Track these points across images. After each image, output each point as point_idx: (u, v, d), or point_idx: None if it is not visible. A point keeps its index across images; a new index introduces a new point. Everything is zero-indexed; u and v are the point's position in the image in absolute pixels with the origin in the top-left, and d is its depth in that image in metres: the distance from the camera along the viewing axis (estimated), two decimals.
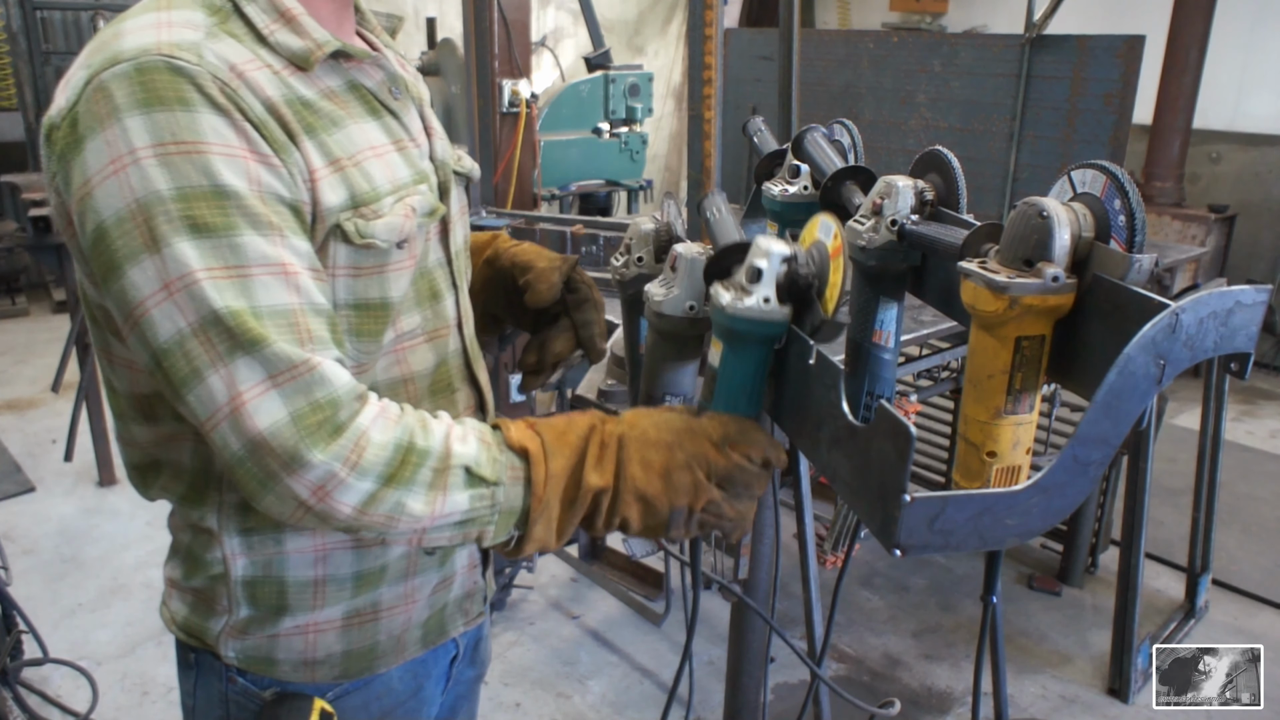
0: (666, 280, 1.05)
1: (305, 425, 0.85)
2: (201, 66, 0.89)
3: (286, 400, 0.85)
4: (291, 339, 0.88)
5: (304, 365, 0.86)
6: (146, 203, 0.85)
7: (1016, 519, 0.73)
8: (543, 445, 0.94)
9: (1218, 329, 0.72)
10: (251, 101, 0.92)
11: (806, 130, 1.22)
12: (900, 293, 1.06)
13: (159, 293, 0.86)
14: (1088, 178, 0.79)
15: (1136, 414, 0.71)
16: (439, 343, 1.14)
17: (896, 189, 1.00)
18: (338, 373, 0.89)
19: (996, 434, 0.81)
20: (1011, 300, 0.75)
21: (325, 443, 0.86)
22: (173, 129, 0.87)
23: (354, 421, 0.88)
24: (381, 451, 0.88)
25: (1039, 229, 0.76)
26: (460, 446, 0.92)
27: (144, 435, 1.06)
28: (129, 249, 0.86)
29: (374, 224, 1.00)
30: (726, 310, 0.90)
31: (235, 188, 0.88)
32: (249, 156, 0.90)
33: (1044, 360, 0.79)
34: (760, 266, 0.89)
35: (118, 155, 0.86)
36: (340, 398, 0.88)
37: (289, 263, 0.90)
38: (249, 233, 0.88)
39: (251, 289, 0.87)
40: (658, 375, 1.10)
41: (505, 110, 3.98)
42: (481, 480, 0.92)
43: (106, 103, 0.87)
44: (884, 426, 0.74)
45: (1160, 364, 0.70)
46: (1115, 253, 0.75)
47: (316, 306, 0.92)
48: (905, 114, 4.18)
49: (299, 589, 1.08)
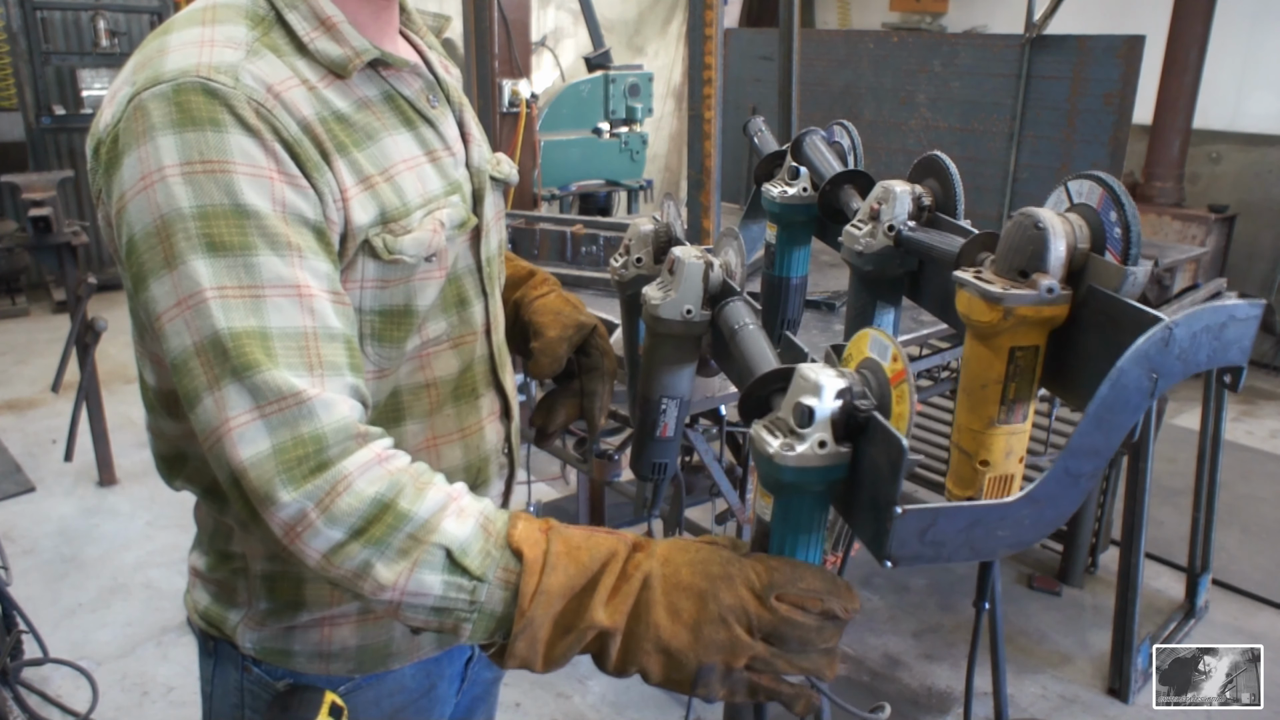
0: (664, 283, 1.04)
1: (284, 460, 0.83)
2: (238, 89, 0.90)
3: (271, 432, 0.84)
4: (299, 363, 0.87)
5: (293, 397, 0.84)
6: (169, 220, 0.87)
7: (1008, 530, 0.73)
8: (545, 554, 0.84)
9: (1211, 342, 0.72)
10: (286, 121, 0.92)
11: (805, 133, 1.22)
12: (897, 297, 1.06)
13: (174, 308, 0.87)
14: (1084, 188, 0.79)
15: (1129, 426, 0.71)
16: (465, 349, 1.14)
17: (894, 194, 0.99)
18: (333, 408, 0.86)
19: (990, 443, 0.81)
20: (1006, 311, 0.75)
21: (300, 482, 0.83)
22: (201, 148, 0.88)
23: (339, 463, 0.84)
24: (357, 502, 0.84)
25: (1034, 240, 0.76)
26: (453, 525, 0.85)
27: (171, 429, 1.07)
28: (152, 263, 0.88)
29: (402, 240, 1.00)
30: (775, 461, 0.75)
31: (257, 207, 0.89)
32: (276, 177, 0.91)
33: (1038, 370, 0.79)
34: (811, 406, 0.75)
35: (148, 172, 0.88)
36: (326, 435, 0.85)
37: (305, 284, 0.89)
38: (266, 253, 0.88)
39: (263, 309, 0.87)
40: (655, 378, 1.10)
41: (505, 110, 3.98)
42: (463, 570, 0.84)
43: (144, 121, 0.89)
44: (877, 439, 0.73)
45: (1153, 377, 0.70)
46: (1110, 265, 0.75)
47: (331, 331, 0.90)
48: (905, 114, 4.18)
49: (316, 585, 1.08)
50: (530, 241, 3.21)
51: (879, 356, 0.76)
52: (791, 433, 0.76)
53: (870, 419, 0.73)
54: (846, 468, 0.76)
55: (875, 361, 0.77)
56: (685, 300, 1.02)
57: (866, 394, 0.76)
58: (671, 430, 1.15)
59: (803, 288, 1.26)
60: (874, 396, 0.76)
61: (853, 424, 0.75)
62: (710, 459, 2.52)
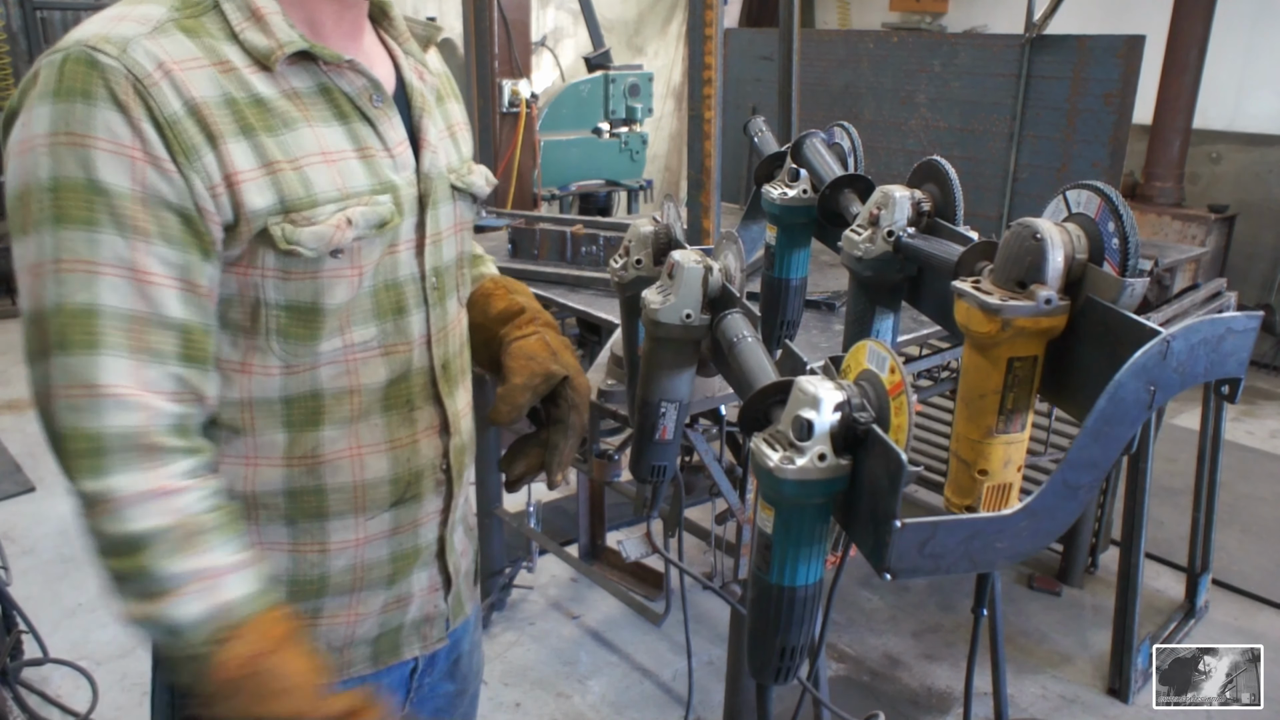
0: (664, 288, 1.04)
1: (76, 447, 0.88)
2: (119, 61, 0.90)
3: (73, 414, 0.88)
4: (123, 344, 0.89)
5: (88, 389, 0.88)
6: (30, 188, 0.90)
7: (1006, 542, 0.73)
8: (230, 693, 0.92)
9: (1209, 355, 0.73)
10: (166, 101, 0.91)
11: (806, 136, 1.22)
12: (896, 303, 1.06)
13: (25, 272, 0.91)
14: (1083, 198, 0.79)
15: (1127, 439, 0.72)
16: (397, 358, 1.11)
17: (893, 200, 0.99)
18: (127, 410, 0.89)
19: (988, 452, 0.81)
20: (1004, 322, 0.75)
21: (84, 476, 0.88)
22: (68, 120, 0.89)
23: (112, 478, 0.89)
24: (113, 528, 0.89)
25: (1032, 250, 0.76)
26: (188, 604, 0.90)
27: None
28: (15, 224, 0.92)
29: (301, 230, 0.98)
30: (775, 475, 0.77)
31: (111, 185, 0.90)
32: (139, 157, 0.91)
33: (1036, 381, 0.79)
34: (810, 420, 0.75)
35: (26, 138, 0.91)
36: (105, 437, 0.88)
37: (144, 269, 0.91)
38: (109, 232, 0.90)
39: (96, 286, 0.89)
40: (654, 382, 1.11)
41: (505, 110, 3.98)
42: (184, 643, 0.91)
43: (34, 86, 0.91)
44: (877, 452, 0.74)
45: (1150, 390, 0.70)
46: (1108, 276, 0.75)
47: (164, 319, 0.92)
48: (905, 114, 4.18)
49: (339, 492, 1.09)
50: (530, 241, 3.21)
51: (877, 368, 0.77)
52: (791, 446, 0.77)
53: (869, 432, 0.74)
54: (847, 480, 0.77)
55: (873, 373, 0.77)
56: (684, 305, 1.02)
57: (865, 406, 0.76)
58: (671, 433, 1.15)
59: (802, 289, 1.26)
60: (872, 409, 0.76)
61: (852, 436, 0.76)
62: (710, 459, 2.52)
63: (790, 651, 0.84)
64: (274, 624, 0.94)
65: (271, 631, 0.93)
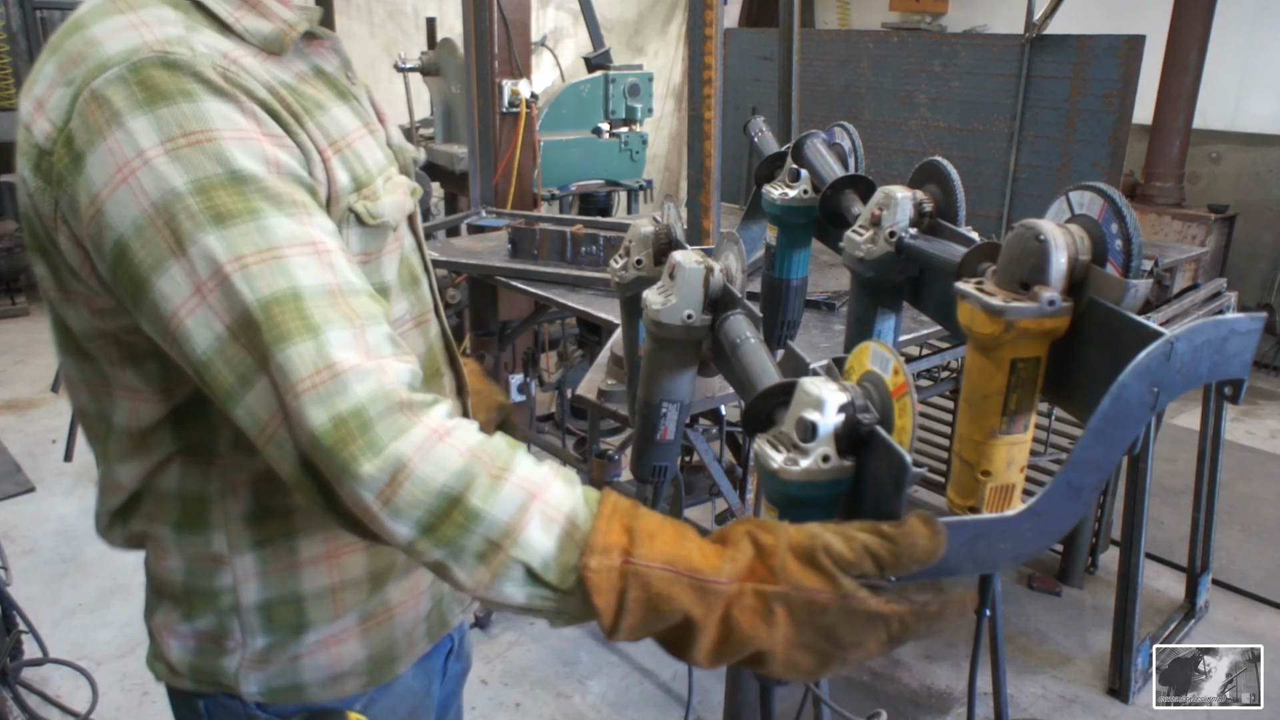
0: (665, 288, 1.04)
1: (342, 434, 0.75)
2: (195, 56, 0.84)
3: (323, 404, 0.76)
4: (337, 318, 0.80)
5: (332, 369, 0.77)
6: (164, 203, 0.80)
7: (1009, 543, 0.74)
8: (619, 607, 0.74)
9: (1212, 356, 0.73)
10: (253, 84, 0.87)
11: (806, 136, 1.22)
12: (898, 304, 1.06)
13: (191, 298, 0.80)
14: (1085, 199, 0.79)
15: (1130, 440, 0.72)
16: (424, 328, 1.12)
17: (895, 200, 0.99)
18: (367, 377, 0.77)
19: (991, 453, 0.81)
20: (1008, 324, 0.75)
21: (363, 459, 0.75)
22: (180, 122, 0.81)
23: (392, 445, 0.75)
24: (421, 493, 0.75)
25: (1035, 252, 0.76)
26: (536, 535, 0.75)
27: (133, 473, 1.00)
28: (153, 258, 0.80)
29: (381, 204, 0.97)
30: (780, 477, 0.76)
31: (253, 171, 0.83)
32: (262, 138, 0.85)
33: (1039, 382, 0.79)
34: (814, 421, 0.75)
35: (124, 161, 0.80)
36: (369, 414, 0.76)
37: (320, 240, 0.84)
38: (274, 214, 0.82)
39: (290, 269, 0.80)
40: (655, 382, 1.11)
41: (505, 110, 3.98)
42: (547, 585, 0.76)
43: (104, 111, 0.81)
44: (880, 454, 0.74)
45: (1154, 391, 0.70)
46: (1111, 277, 0.75)
47: (355, 286, 0.84)
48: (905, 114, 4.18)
49: (317, 600, 1.03)
50: (530, 241, 3.21)
51: (880, 369, 0.77)
52: (795, 447, 0.77)
53: (873, 433, 0.74)
54: (851, 481, 0.77)
55: (877, 375, 0.77)
56: (685, 305, 1.02)
57: (869, 407, 0.76)
58: (672, 434, 1.15)
59: (803, 289, 1.26)
60: (876, 410, 0.76)
61: (856, 438, 0.76)
62: (710, 459, 2.52)
63: None
64: (619, 509, 0.78)
65: (625, 518, 0.77)
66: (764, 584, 0.72)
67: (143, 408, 0.96)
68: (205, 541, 1.00)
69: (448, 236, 3.85)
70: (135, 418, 0.97)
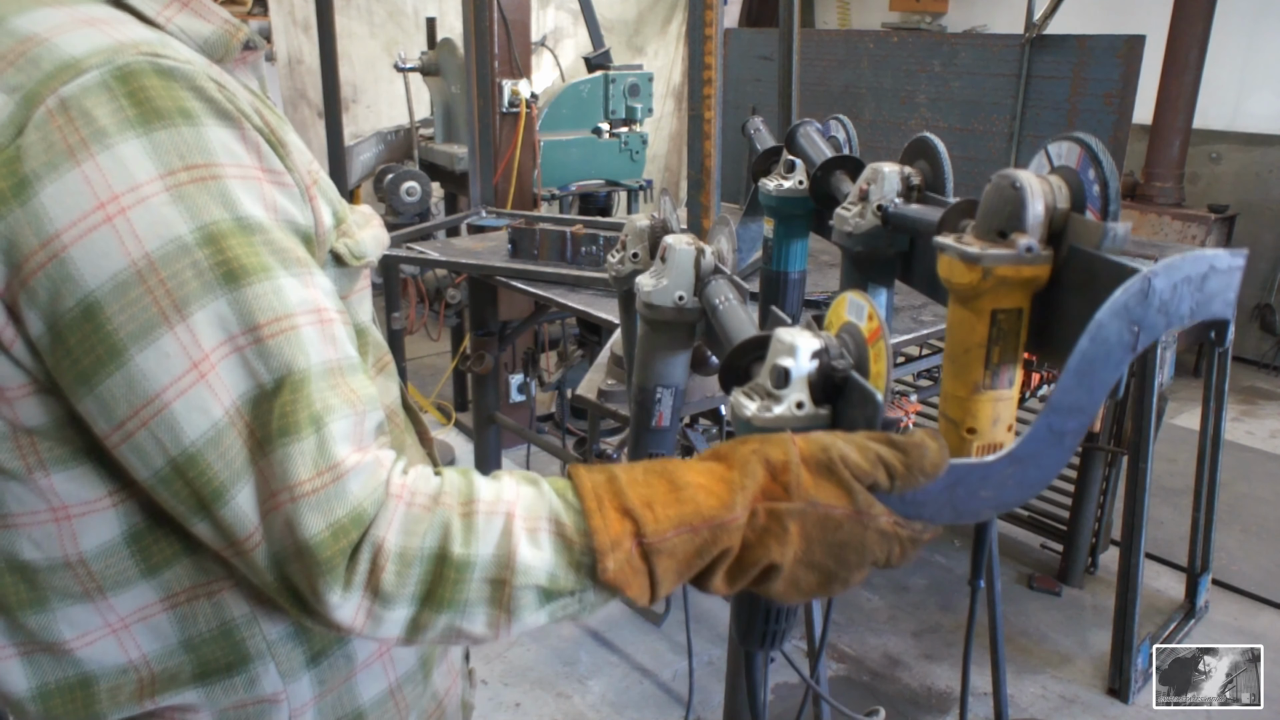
0: (657, 271, 1.05)
1: (340, 546, 0.67)
2: (193, 65, 0.70)
3: (320, 511, 0.66)
4: (342, 404, 0.69)
5: (335, 470, 0.67)
6: (165, 256, 0.65)
7: (990, 490, 0.73)
8: (651, 585, 0.70)
9: (1193, 295, 0.71)
10: (245, 104, 0.73)
11: (800, 124, 1.22)
12: (889, 279, 1.06)
13: (186, 375, 0.65)
14: (1063, 150, 0.78)
15: (1111, 382, 0.70)
16: (388, 371, 0.98)
17: (882, 174, 1.00)
18: (367, 480, 0.68)
19: (975, 409, 0.79)
20: (985, 271, 0.74)
21: (358, 564, 0.67)
22: (181, 151, 0.66)
23: (368, 535, 0.67)
24: (405, 568, 0.67)
25: (1011, 200, 0.75)
26: (530, 552, 0.69)
27: (102, 618, 0.76)
28: (136, 324, 0.64)
29: (361, 240, 0.85)
30: (755, 424, 0.75)
31: (258, 219, 0.69)
32: (262, 176, 0.72)
33: (1022, 334, 0.78)
34: (787, 367, 0.75)
35: (111, 196, 0.64)
36: (364, 514, 0.67)
37: (323, 306, 0.72)
38: (282, 274, 0.69)
39: (302, 344, 0.68)
40: (649, 366, 1.11)
41: (505, 110, 3.98)
42: (560, 593, 0.70)
43: (81, 126, 0.64)
44: (855, 399, 0.74)
45: (1134, 330, 0.69)
46: (1089, 222, 0.74)
47: (352, 360, 0.73)
48: (905, 114, 4.18)
49: (378, 709, 0.90)
50: (530, 241, 3.21)
51: (855, 318, 0.77)
52: (769, 395, 0.77)
53: (847, 378, 0.75)
54: (826, 428, 0.76)
55: (853, 324, 0.77)
56: (677, 287, 1.02)
57: (844, 354, 0.76)
58: (667, 420, 1.15)
59: (801, 283, 1.26)
60: (851, 356, 0.76)
61: (830, 385, 0.76)
62: None
63: (775, 615, 0.85)
64: (599, 491, 0.71)
65: (613, 498, 0.71)
66: (777, 502, 0.69)
67: (79, 530, 0.74)
68: (249, 681, 0.81)
69: (448, 236, 3.85)
70: (65, 545, 0.74)
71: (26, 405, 0.70)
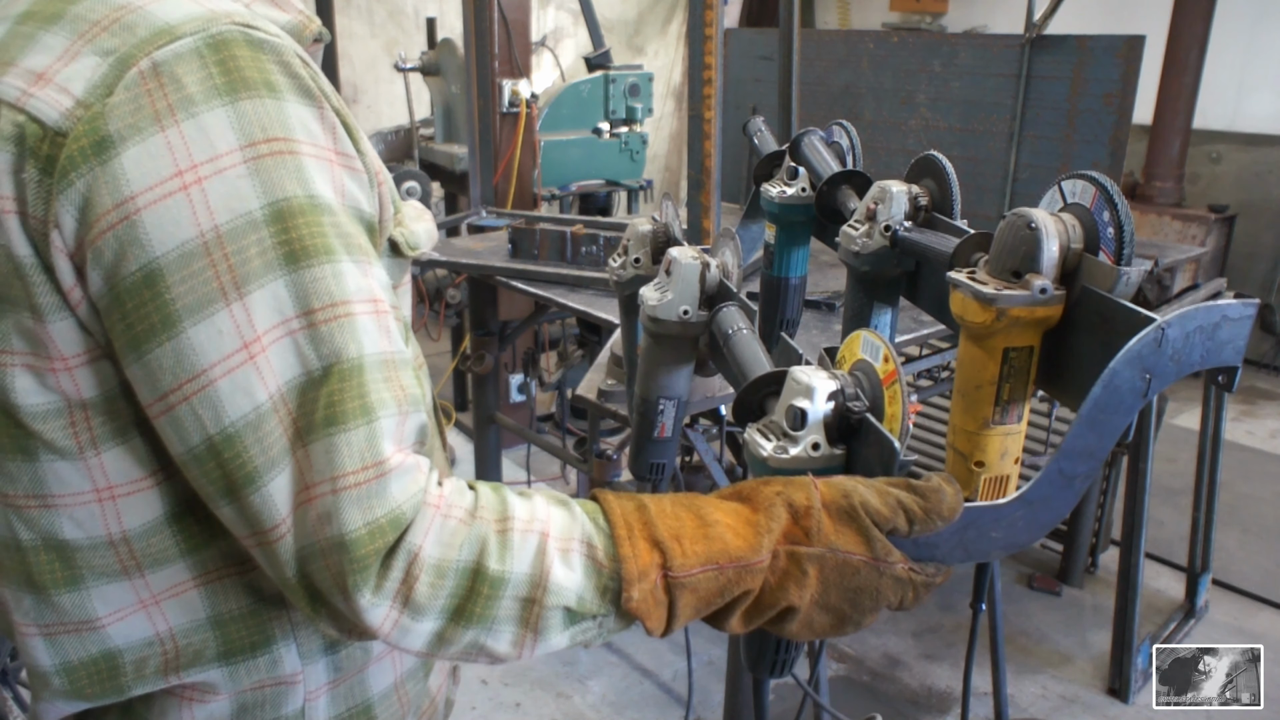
0: (661, 284, 1.05)
1: (378, 545, 0.66)
2: (283, 39, 0.70)
3: (361, 506, 0.65)
4: (389, 399, 0.68)
5: (380, 467, 0.66)
6: (234, 230, 0.64)
7: (1001, 532, 0.74)
8: (669, 616, 0.71)
9: (1204, 343, 0.72)
10: (326, 86, 0.72)
11: (804, 133, 1.22)
12: (894, 298, 1.06)
13: (235, 354, 0.65)
14: (1078, 188, 0.79)
15: (1122, 428, 0.72)
16: (423, 371, 0.97)
17: (890, 194, 1.00)
18: (408, 483, 0.67)
19: (984, 444, 0.81)
20: (999, 312, 0.75)
21: (394, 566, 0.66)
22: (263, 122, 0.66)
23: (404, 541, 0.66)
24: (438, 578, 0.67)
25: (1027, 240, 0.76)
26: (562, 572, 0.69)
27: (135, 595, 0.75)
28: (195, 297, 0.64)
29: (416, 231, 0.85)
30: (770, 465, 0.76)
31: (328, 200, 0.69)
32: (335, 159, 0.71)
33: (1032, 371, 0.79)
34: (804, 408, 0.75)
35: (191, 165, 0.64)
36: (403, 517, 0.66)
37: (379, 297, 0.71)
38: (345, 259, 0.68)
39: (357, 332, 0.68)
40: (653, 379, 1.11)
41: (505, 110, 3.98)
42: (584, 616, 0.71)
43: (171, 92, 0.64)
44: (870, 441, 0.74)
45: (1146, 378, 0.70)
46: (1103, 265, 0.75)
47: (403, 355, 0.72)
48: (905, 114, 4.19)
49: (385, 702, 0.90)
50: (530, 241, 3.21)
51: (871, 358, 0.77)
52: (785, 435, 0.77)
53: (863, 420, 0.75)
54: (841, 469, 0.77)
55: (868, 363, 0.78)
56: (682, 301, 1.02)
57: (859, 395, 0.77)
58: (669, 430, 1.15)
59: (802, 288, 1.26)
60: (866, 398, 0.76)
61: (846, 426, 0.76)
62: (710, 459, 2.52)
63: (785, 645, 0.84)
64: (630, 520, 0.72)
65: (643, 529, 0.71)
66: (798, 545, 0.70)
67: (124, 509, 0.74)
68: (272, 662, 0.81)
69: (448, 236, 3.85)
70: (109, 525, 0.74)
71: (84, 375, 0.69)
